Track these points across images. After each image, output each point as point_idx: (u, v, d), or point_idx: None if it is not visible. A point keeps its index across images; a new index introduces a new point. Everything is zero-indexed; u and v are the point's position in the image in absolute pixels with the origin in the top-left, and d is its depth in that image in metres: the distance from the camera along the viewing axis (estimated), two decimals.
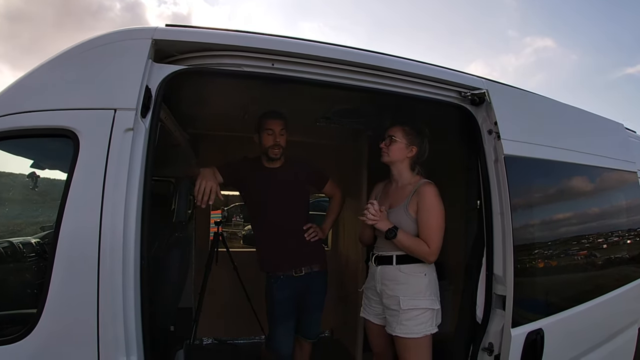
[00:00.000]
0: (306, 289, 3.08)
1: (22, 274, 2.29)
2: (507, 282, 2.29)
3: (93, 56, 1.79)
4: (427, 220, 2.47)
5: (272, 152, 2.96)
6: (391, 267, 2.56)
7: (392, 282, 2.55)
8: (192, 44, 1.97)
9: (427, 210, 2.48)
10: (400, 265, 2.53)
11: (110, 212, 1.65)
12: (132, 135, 1.71)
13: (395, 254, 2.55)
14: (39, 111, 1.72)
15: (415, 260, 2.51)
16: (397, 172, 2.68)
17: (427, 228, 2.47)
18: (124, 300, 1.64)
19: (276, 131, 2.92)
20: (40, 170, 2.09)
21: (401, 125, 2.63)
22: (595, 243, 3.18)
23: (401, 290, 2.50)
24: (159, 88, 1.83)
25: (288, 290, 3.01)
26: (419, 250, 2.45)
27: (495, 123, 2.37)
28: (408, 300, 2.47)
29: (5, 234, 2.33)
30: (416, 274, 2.51)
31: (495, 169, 2.39)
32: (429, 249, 2.43)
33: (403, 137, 2.61)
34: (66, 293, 1.63)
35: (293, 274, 3.02)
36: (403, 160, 2.64)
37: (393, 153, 2.62)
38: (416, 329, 2.45)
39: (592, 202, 3.23)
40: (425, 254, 2.45)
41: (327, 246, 5.16)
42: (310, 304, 3.15)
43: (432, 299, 2.52)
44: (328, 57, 2.13)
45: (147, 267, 1.72)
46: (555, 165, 2.76)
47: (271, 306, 3.05)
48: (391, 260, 2.56)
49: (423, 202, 2.49)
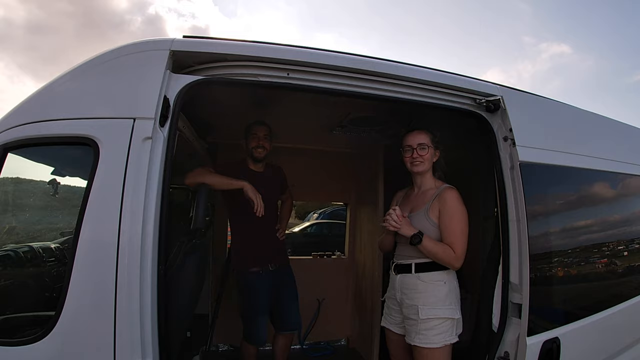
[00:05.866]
0: (280, 281, 3.44)
1: (41, 278, 2.34)
2: (523, 290, 2.28)
3: (113, 67, 1.85)
4: (450, 225, 2.43)
5: (256, 151, 3.30)
6: (410, 275, 2.51)
7: (411, 290, 2.49)
8: (208, 55, 2.01)
9: (450, 214, 2.43)
10: (420, 274, 2.47)
11: (129, 218, 1.69)
12: (151, 144, 1.76)
13: (414, 262, 2.50)
14: (60, 120, 1.79)
15: (434, 268, 2.45)
16: (421, 179, 2.64)
17: (451, 233, 2.42)
18: (140, 306, 1.68)
19: (260, 135, 3.30)
20: (60, 177, 2.13)
21: (425, 131, 2.59)
22: (613, 250, 3.11)
23: (420, 299, 2.44)
24: (177, 98, 1.88)
25: (267, 282, 3.34)
26: (445, 256, 2.39)
27: (510, 130, 2.37)
28: (427, 309, 2.41)
29: (25, 239, 2.37)
30: (435, 282, 2.45)
31: (511, 175, 2.38)
32: (454, 254, 2.38)
33: (430, 142, 2.56)
34: (84, 297, 1.68)
35: (269, 268, 3.37)
36: (429, 165, 2.60)
37: (428, 160, 2.56)
38: (435, 338, 2.38)
39: (609, 208, 3.18)
40: (451, 259, 2.39)
41: (345, 254, 5.19)
42: (286, 296, 3.50)
43: (452, 308, 2.44)
44: (343, 66, 2.15)
45: (164, 273, 1.75)
46: (571, 171, 2.73)
47: (252, 299, 3.33)
48: (410, 269, 2.51)
49: (445, 206, 2.45)
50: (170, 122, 1.85)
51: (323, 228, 13.71)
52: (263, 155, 3.33)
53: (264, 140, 3.30)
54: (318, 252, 5.23)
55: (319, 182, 4.79)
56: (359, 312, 4.65)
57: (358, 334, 4.70)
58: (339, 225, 11.54)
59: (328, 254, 5.23)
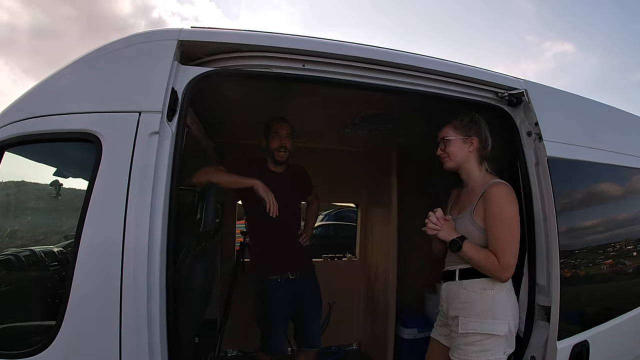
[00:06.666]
0: (302, 290, 3.17)
1: (43, 283, 2.22)
2: (552, 293, 2.16)
3: (117, 58, 1.73)
4: (494, 229, 2.10)
5: (278, 154, 3.04)
6: (454, 283, 2.23)
7: (454, 300, 2.22)
8: (219, 45, 1.89)
9: (494, 216, 2.10)
10: (463, 281, 2.19)
11: (135, 220, 1.57)
12: (158, 139, 1.63)
13: (458, 267, 2.23)
14: (59, 114, 1.66)
15: (480, 274, 2.14)
16: (466, 174, 2.33)
17: (495, 239, 2.09)
18: (148, 313, 1.56)
19: (282, 134, 3.04)
20: (63, 178, 2.02)
21: (447, 123, 2.33)
22: None
23: (462, 310, 2.16)
24: (185, 90, 1.75)
25: (286, 291, 3.08)
26: (488, 265, 2.07)
27: (536, 124, 2.26)
28: (468, 322, 2.12)
29: (28, 243, 2.27)
30: (480, 292, 2.14)
31: (536, 172, 2.27)
32: (498, 263, 2.05)
33: (455, 132, 2.29)
34: (86, 306, 1.56)
35: (289, 277, 3.10)
36: (467, 158, 2.29)
37: (454, 154, 2.28)
38: (476, 356, 2.08)
39: (634, 206, 3.05)
40: (495, 269, 2.06)
41: (356, 256, 5.06)
42: (308, 308, 3.23)
43: (500, 322, 2.09)
44: (360, 57, 2.03)
45: (172, 278, 1.63)
46: (599, 167, 2.63)
47: (269, 308, 3.09)
48: (454, 276, 2.24)
49: (490, 206, 2.12)
50: (179, 116, 1.72)
51: (329, 230, 13.62)
52: (285, 157, 3.07)
53: (286, 140, 3.04)
54: (328, 254, 5.10)
55: (328, 183, 4.60)
56: (371, 316, 4.54)
57: (370, 339, 4.58)
58: (345, 226, 11.47)
59: (339, 256, 5.10)
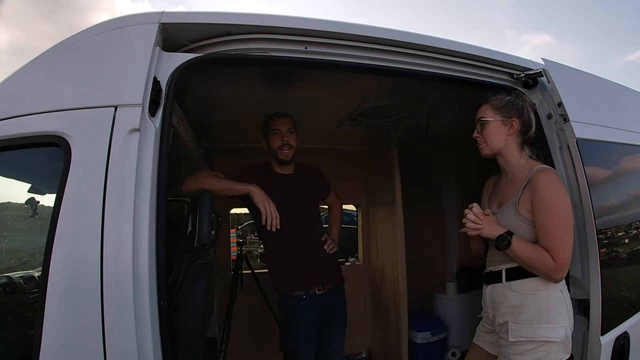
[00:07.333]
0: (330, 307, 2.75)
1: (21, 314, 1.95)
2: (592, 285, 2.00)
3: (88, 47, 1.48)
4: (544, 222, 1.82)
5: (282, 153, 2.66)
6: (500, 285, 1.97)
7: (502, 304, 1.95)
8: (207, 27, 1.66)
9: (544, 208, 1.82)
10: (511, 282, 1.92)
11: (114, 239, 1.28)
12: (139, 137, 1.36)
13: (504, 267, 1.96)
14: (17, 117, 1.40)
15: (530, 273, 1.87)
16: (504, 161, 2.03)
17: (547, 233, 1.81)
18: (138, 350, 1.26)
19: (283, 130, 2.65)
20: (40, 195, 1.74)
21: (485, 102, 2.04)
22: None
23: (511, 316, 1.90)
24: (170, 80, 1.50)
25: (313, 311, 2.66)
26: (541, 265, 1.81)
27: (559, 104, 2.09)
28: (519, 328, 1.86)
29: (3, 270, 2.02)
30: (531, 293, 1.87)
31: (561, 156, 2.12)
32: (553, 262, 1.78)
33: (494, 113, 1.99)
34: (62, 342, 1.27)
35: (316, 292, 2.68)
36: (506, 142, 2.00)
37: (491, 138, 1.98)
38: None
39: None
40: (548, 269, 1.80)
41: (359, 260, 4.82)
42: (334, 325, 2.81)
43: (555, 326, 1.83)
44: (369, 36, 1.85)
45: (166, 310, 1.35)
46: (629, 149, 2.52)
47: (294, 330, 2.68)
48: (500, 277, 1.97)
49: (537, 196, 1.83)
50: (164, 110, 1.46)
51: (325, 232, 13.49)
52: (290, 156, 2.69)
53: (288, 136, 2.65)
54: None
55: None
56: (380, 322, 4.30)
57: (381, 346, 4.35)
58: (343, 230, 11.33)
59: (342, 260, 4.80)
